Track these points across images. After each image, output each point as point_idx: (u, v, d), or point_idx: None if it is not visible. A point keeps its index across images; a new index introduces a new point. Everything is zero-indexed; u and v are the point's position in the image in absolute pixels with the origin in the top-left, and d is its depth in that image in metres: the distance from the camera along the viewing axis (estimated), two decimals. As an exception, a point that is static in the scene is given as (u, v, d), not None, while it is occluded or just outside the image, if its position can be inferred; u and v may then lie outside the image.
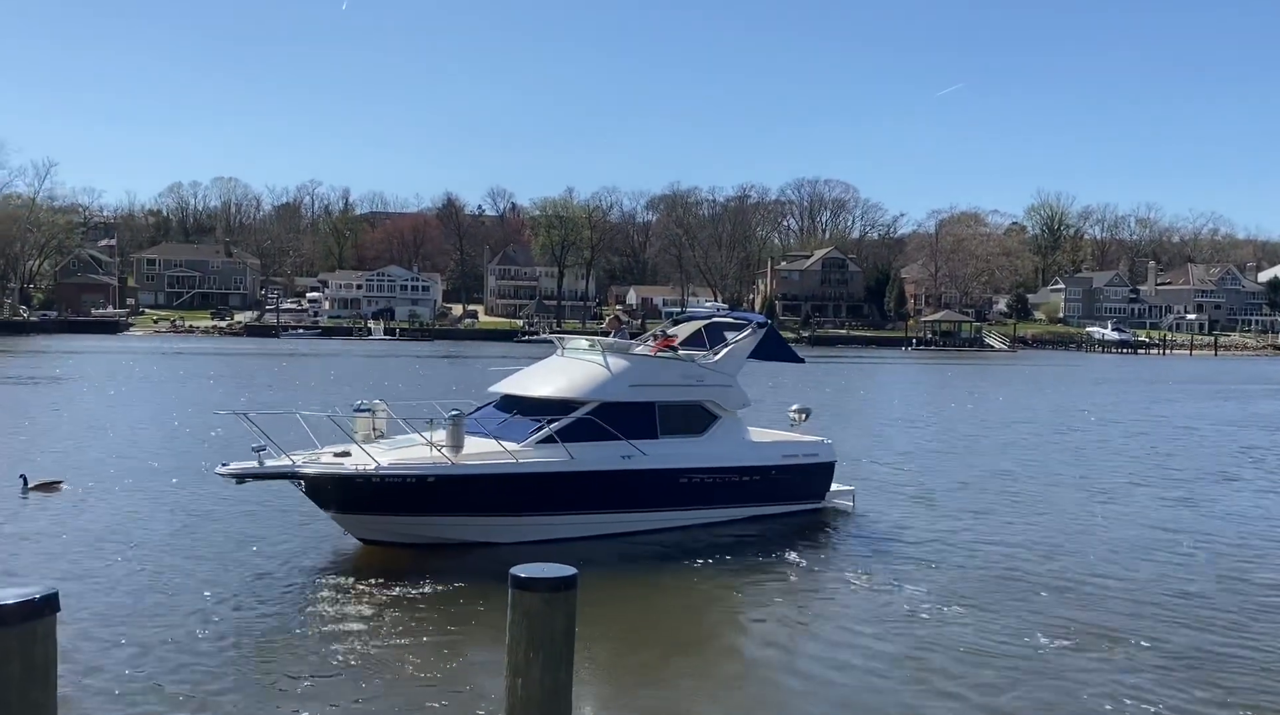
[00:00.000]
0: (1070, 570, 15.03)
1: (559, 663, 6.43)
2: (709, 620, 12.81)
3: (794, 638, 11.98)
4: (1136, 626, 12.28)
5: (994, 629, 12.09)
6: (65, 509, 17.95)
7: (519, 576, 6.46)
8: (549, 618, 6.41)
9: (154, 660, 10.63)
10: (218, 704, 9.49)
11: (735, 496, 17.60)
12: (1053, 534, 17.56)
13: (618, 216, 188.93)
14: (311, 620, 12.26)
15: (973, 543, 16.70)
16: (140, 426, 30.32)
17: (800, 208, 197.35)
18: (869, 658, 11.11)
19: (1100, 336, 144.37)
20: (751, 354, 18.80)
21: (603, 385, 16.45)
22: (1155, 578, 14.72)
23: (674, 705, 9.78)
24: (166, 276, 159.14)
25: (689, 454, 16.92)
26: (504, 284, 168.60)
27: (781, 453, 18.43)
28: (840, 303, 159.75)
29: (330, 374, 57.44)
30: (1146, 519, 19.16)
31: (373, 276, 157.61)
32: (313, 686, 9.98)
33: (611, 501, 16.16)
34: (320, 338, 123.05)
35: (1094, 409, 44.66)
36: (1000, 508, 19.86)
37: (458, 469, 14.83)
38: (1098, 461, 27.14)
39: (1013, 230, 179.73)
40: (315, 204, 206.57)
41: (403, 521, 15.10)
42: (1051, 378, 71.97)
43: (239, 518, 17.63)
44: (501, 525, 15.42)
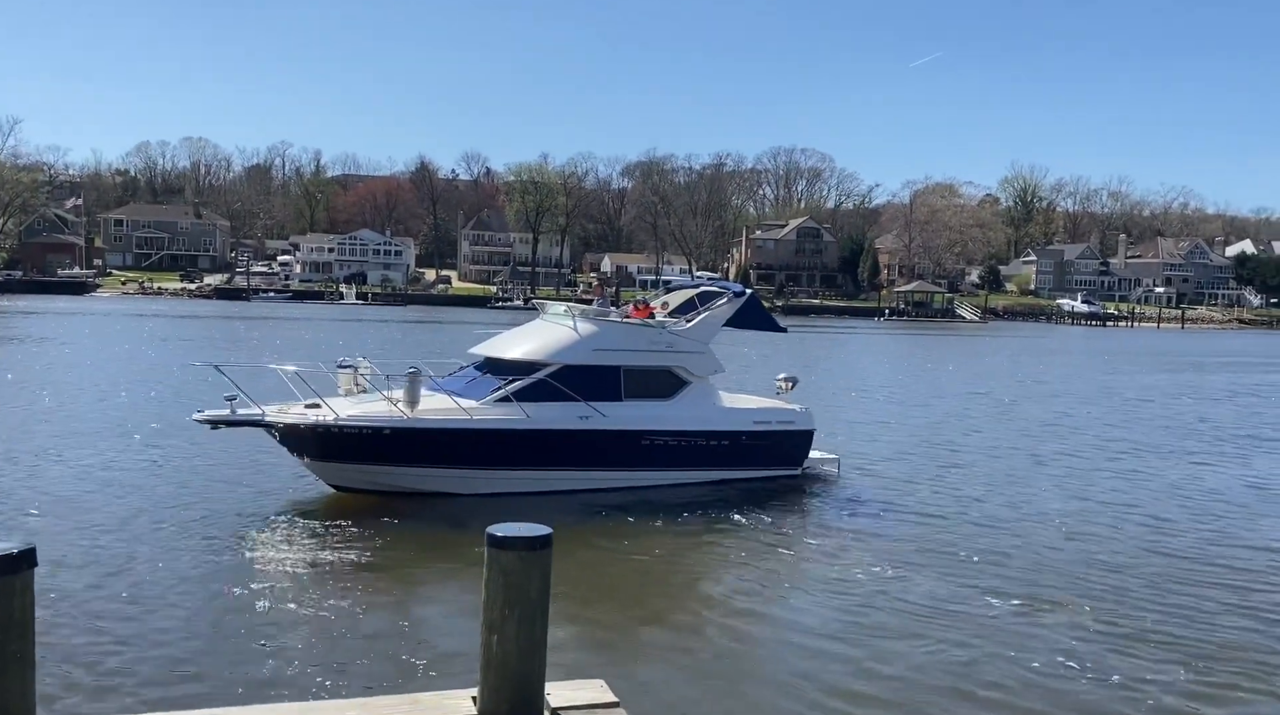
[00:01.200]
0: (1030, 537, 15.36)
1: (534, 620, 6.53)
2: (682, 579, 13.03)
3: (762, 596, 12.21)
4: (1086, 590, 12.61)
5: (946, 593, 12.35)
6: (41, 463, 17.91)
7: (495, 535, 6.53)
8: (525, 576, 6.49)
9: (130, 610, 10.74)
10: (191, 656, 9.58)
11: (704, 460, 17.96)
12: (1021, 503, 17.92)
13: (593, 183, 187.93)
14: (286, 575, 12.37)
15: (946, 511, 16.99)
16: (113, 383, 30.08)
17: (776, 177, 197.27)
18: (833, 617, 11.36)
19: (1070, 308, 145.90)
20: (730, 322, 19.14)
21: (566, 348, 17.15)
22: (1114, 544, 15.07)
23: (648, 661, 9.97)
24: (134, 237, 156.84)
25: (654, 417, 17.45)
26: (478, 250, 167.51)
27: (753, 419, 18.66)
28: (814, 272, 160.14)
29: (304, 337, 57.09)
30: (1102, 489, 19.54)
31: (345, 240, 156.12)
32: (286, 642, 10.09)
33: (570, 459, 16.87)
34: (291, 301, 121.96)
35: (1057, 380, 45.27)
36: (976, 478, 20.17)
37: (411, 422, 15.74)
38: (1062, 432, 27.58)
39: (986, 202, 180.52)
40: (286, 166, 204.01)
41: (364, 470, 16.09)
42: (1020, 349, 72.74)
43: (215, 466, 18.20)
44: (458, 477, 16.32)
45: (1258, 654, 10.43)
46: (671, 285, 22.03)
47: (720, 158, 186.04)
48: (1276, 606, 12.07)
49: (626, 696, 7.30)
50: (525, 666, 6.51)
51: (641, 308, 19.59)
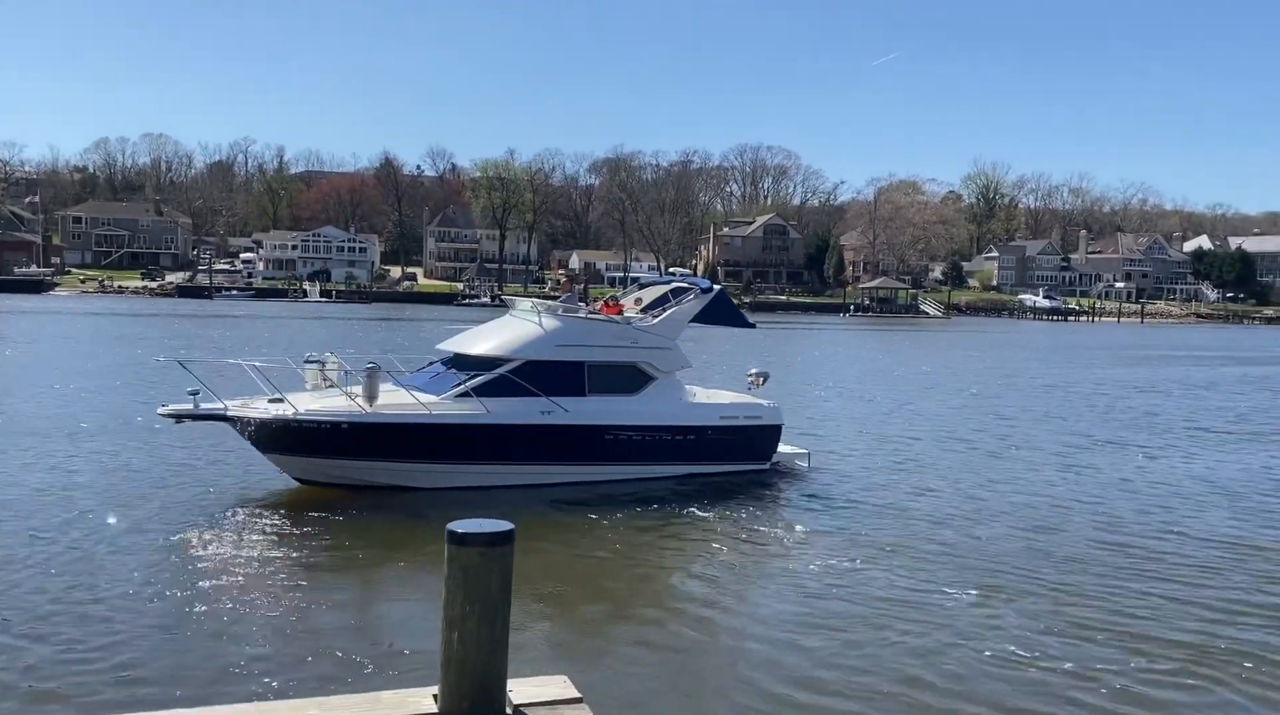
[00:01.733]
0: (990, 529, 15.55)
1: (495, 617, 6.50)
2: (645, 574, 13.04)
3: (725, 590, 12.27)
4: (1042, 581, 12.79)
5: (907, 585, 12.46)
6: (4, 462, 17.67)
7: (455, 532, 6.50)
8: (485, 572, 6.46)
9: (81, 611, 10.59)
10: (144, 657, 9.46)
11: (670, 454, 18.08)
12: (983, 496, 18.12)
13: (560, 179, 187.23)
14: (243, 572, 12.26)
15: (911, 504, 17.11)
16: (72, 381, 29.57)
17: (743, 174, 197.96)
18: (795, 610, 11.43)
19: (1032, 304, 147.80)
20: (698, 318, 19.24)
21: (529, 344, 17.30)
22: (1070, 535, 15.29)
23: (611, 656, 9.98)
24: (94, 235, 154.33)
25: (618, 412, 17.57)
26: (444, 246, 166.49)
27: (719, 413, 18.76)
28: (781, 269, 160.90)
29: (267, 335, 56.46)
30: (1061, 481, 19.83)
31: (308, 237, 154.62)
32: (242, 641, 9.98)
33: (532, 454, 17.00)
34: (254, 299, 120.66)
35: (1020, 374, 45.83)
36: (941, 471, 20.33)
37: (368, 417, 15.92)
38: (1024, 426, 27.93)
39: (949, 199, 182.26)
40: (249, 162, 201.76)
41: (325, 464, 16.31)
42: (984, 345, 73.55)
43: (176, 462, 18.28)
44: (418, 471, 16.47)
45: (1205, 643, 10.61)
46: (644, 281, 22.04)
47: (687, 155, 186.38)
48: (1223, 598, 12.27)
49: (590, 692, 7.30)
50: (487, 664, 6.49)
51: (612, 305, 19.67)
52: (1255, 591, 12.46)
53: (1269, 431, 27.92)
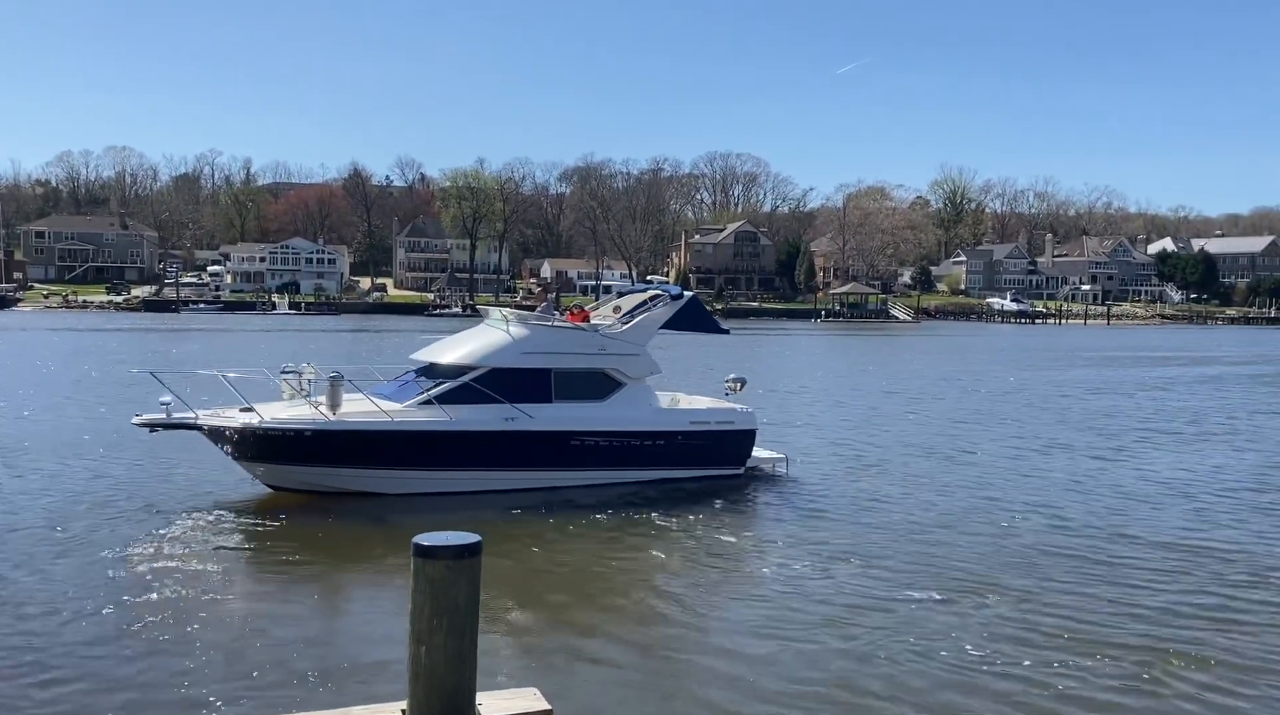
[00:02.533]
0: (959, 533, 15.67)
1: (463, 630, 6.48)
2: (614, 582, 13.03)
3: (694, 598, 12.25)
4: (1007, 585, 12.92)
5: (877, 590, 12.52)
6: None
7: (422, 545, 6.47)
8: (452, 585, 6.44)
9: (45, 626, 10.41)
10: (110, 673, 9.32)
11: (639, 459, 18.20)
12: (954, 500, 18.25)
13: (530, 188, 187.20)
14: (210, 585, 12.15)
15: (884, 509, 17.16)
16: (38, 396, 29.12)
17: (713, 181, 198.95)
18: (765, 617, 11.45)
19: (1000, 307, 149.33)
20: (669, 325, 19.38)
21: (495, 352, 17.57)
22: (1036, 537, 15.45)
23: (581, 667, 9.95)
24: (57, 249, 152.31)
25: (585, 418, 17.73)
26: (414, 257, 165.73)
27: (690, 419, 18.89)
28: (753, 275, 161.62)
29: (235, 348, 55.94)
30: (1029, 484, 20.04)
31: (276, 249, 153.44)
32: (209, 655, 9.87)
33: (496, 460, 17.21)
34: (222, 312, 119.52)
35: (989, 378, 46.28)
36: (917, 475, 20.41)
37: (330, 424, 16.24)
38: (993, 429, 28.20)
39: (917, 204, 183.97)
40: (215, 174, 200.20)
41: (292, 471, 16.60)
42: (954, 348, 74.17)
43: (153, 470, 18.54)
44: (383, 477, 16.73)
45: (1159, 645, 10.69)
46: (622, 290, 22.15)
47: (658, 162, 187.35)
48: (1179, 601, 12.36)
49: (560, 703, 7.30)
50: (455, 677, 6.46)
51: (576, 313, 19.86)
52: (1207, 594, 12.57)
53: (1221, 432, 28.32)
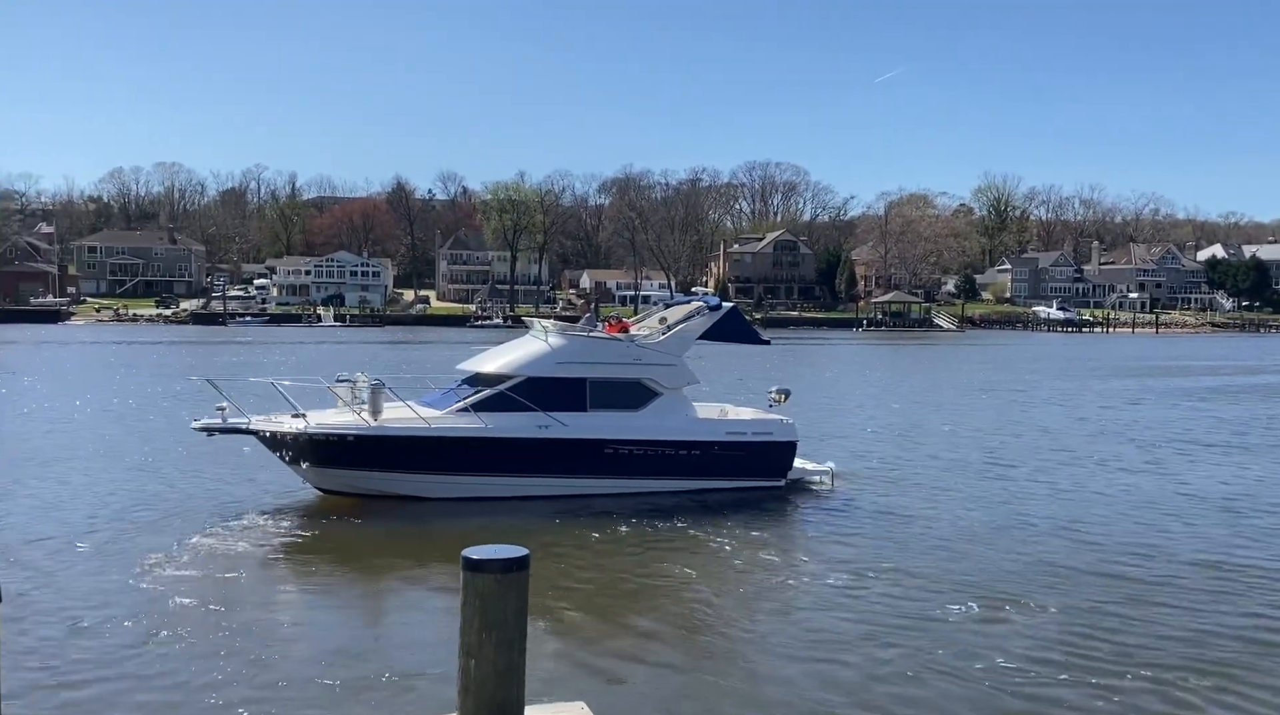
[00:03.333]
0: (1003, 547, 15.44)
1: (512, 643, 6.52)
2: (659, 594, 12.99)
3: (738, 610, 12.24)
4: (1039, 595, 12.70)
5: (921, 604, 12.41)
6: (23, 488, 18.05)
7: (471, 558, 6.53)
8: (501, 599, 6.49)
9: (101, 632, 10.63)
10: (163, 679, 9.47)
11: (674, 469, 18.33)
12: (1001, 514, 18.01)
13: (570, 200, 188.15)
14: (262, 593, 12.36)
15: (928, 523, 16.95)
16: (95, 407, 29.77)
17: (752, 190, 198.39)
18: (811, 631, 11.37)
19: (1046, 316, 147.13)
20: (707, 336, 19.43)
21: (532, 363, 18.05)
22: (1088, 555, 15.18)
23: (626, 682, 9.93)
24: (109, 264, 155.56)
25: (618, 426, 18.00)
26: (456, 269, 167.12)
27: (726, 430, 18.91)
28: (792, 285, 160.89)
29: (282, 360, 56.70)
30: (1082, 498, 19.70)
31: (321, 262, 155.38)
32: (261, 665, 9.97)
33: (530, 466, 17.64)
34: (269, 325, 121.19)
35: (1041, 389, 45.62)
36: (964, 488, 20.15)
37: (369, 430, 17.01)
38: (1046, 441, 27.79)
39: (960, 212, 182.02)
40: (261, 189, 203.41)
41: (338, 474, 17.38)
42: (1003, 358, 73.21)
43: (210, 474, 19.61)
44: (421, 481, 17.34)
45: (1197, 665, 10.45)
46: (671, 302, 22.38)
47: (696, 173, 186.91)
48: (1219, 620, 12.08)
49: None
50: (504, 691, 6.50)
51: (615, 324, 20.08)
52: (1245, 615, 12.18)
53: (1266, 445, 27.60)
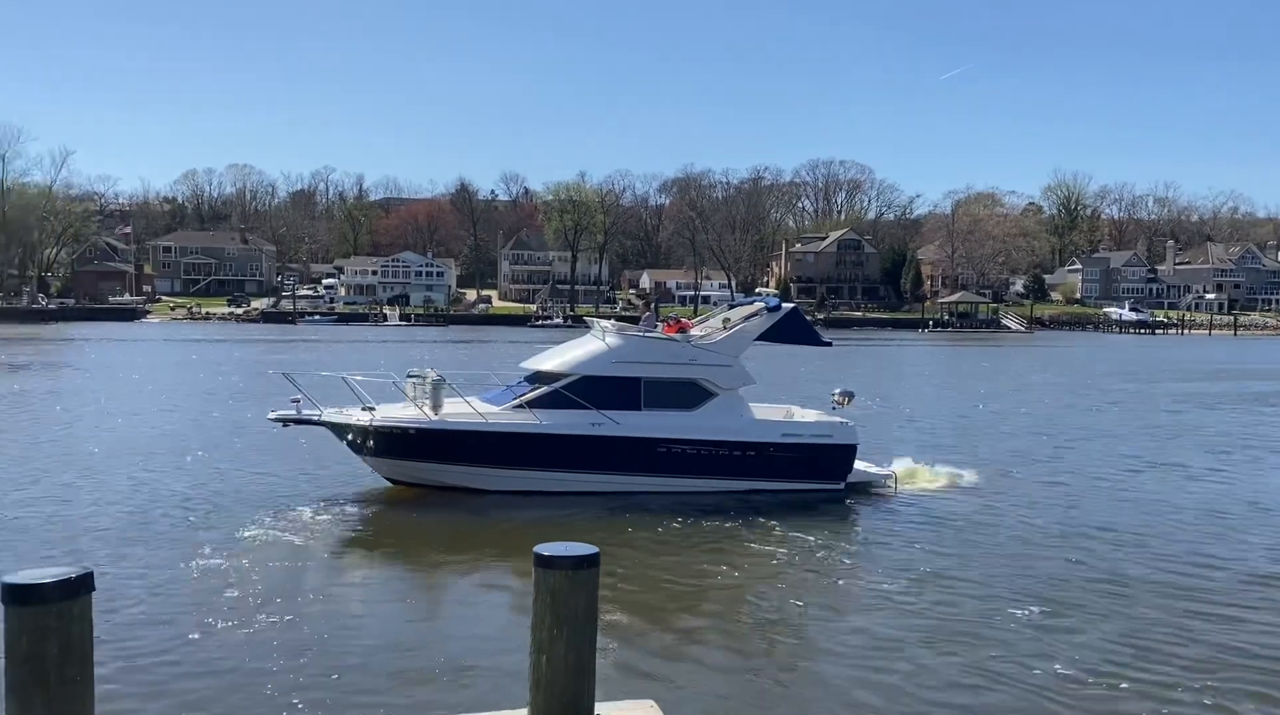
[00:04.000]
0: (1064, 551, 15.08)
1: (582, 639, 6.53)
2: (720, 594, 12.94)
3: (805, 613, 12.15)
4: (1094, 601, 12.36)
5: (973, 603, 12.26)
6: (107, 479, 18.61)
7: (542, 555, 6.55)
8: (572, 595, 6.50)
9: (181, 623, 10.88)
10: (239, 671, 9.66)
11: (728, 469, 18.35)
12: (1060, 517, 17.61)
13: (630, 200, 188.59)
14: (334, 587, 12.55)
15: (995, 527, 16.62)
16: (174, 401, 30.66)
17: (815, 189, 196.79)
18: (878, 635, 11.22)
19: (1118, 317, 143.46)
20: (765, 336, 19.34)
21: (588, 362, 18.35)
22: (1166, 565, 14.74)
23: (693, 681, 9.89)
24: (183, 263, 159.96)
25: (672, 426, 18.14)
26: (517, 269, 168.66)
27: (781, 431, 18.81)
28: (856, 284, 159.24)
29: (351, 357, 57.71)
30: (1158, 507, 19.16)
31: (387, 263, 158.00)
32: (333, 659, 10.12)
33: (582, 462, 17.95)
34: (337, 324, 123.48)
35: (1102, 390, 44.50)
36: (1029, 492, 19.75)
37: (429, 423, 17.66)
38: (1106, 442, 27.10)
39: (1029, 210, 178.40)
40: (330, 190, 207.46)
41: (401, 465, 18.08)
42: (1067, 359, 71.61)
43: (288, 464, 20.56)
44: (479, 474, 17.89)
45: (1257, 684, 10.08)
46: (735, 303, 22.35)
47: (758, 171, 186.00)
48: None
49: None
50: (575, 687, 6.51)
51: (672, 324, 20.13)
52: None
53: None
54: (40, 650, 5.56)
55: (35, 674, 5.56)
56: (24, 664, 5.56)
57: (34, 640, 5.56)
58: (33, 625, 5.57)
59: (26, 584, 5.59)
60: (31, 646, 5.55)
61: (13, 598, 5.58)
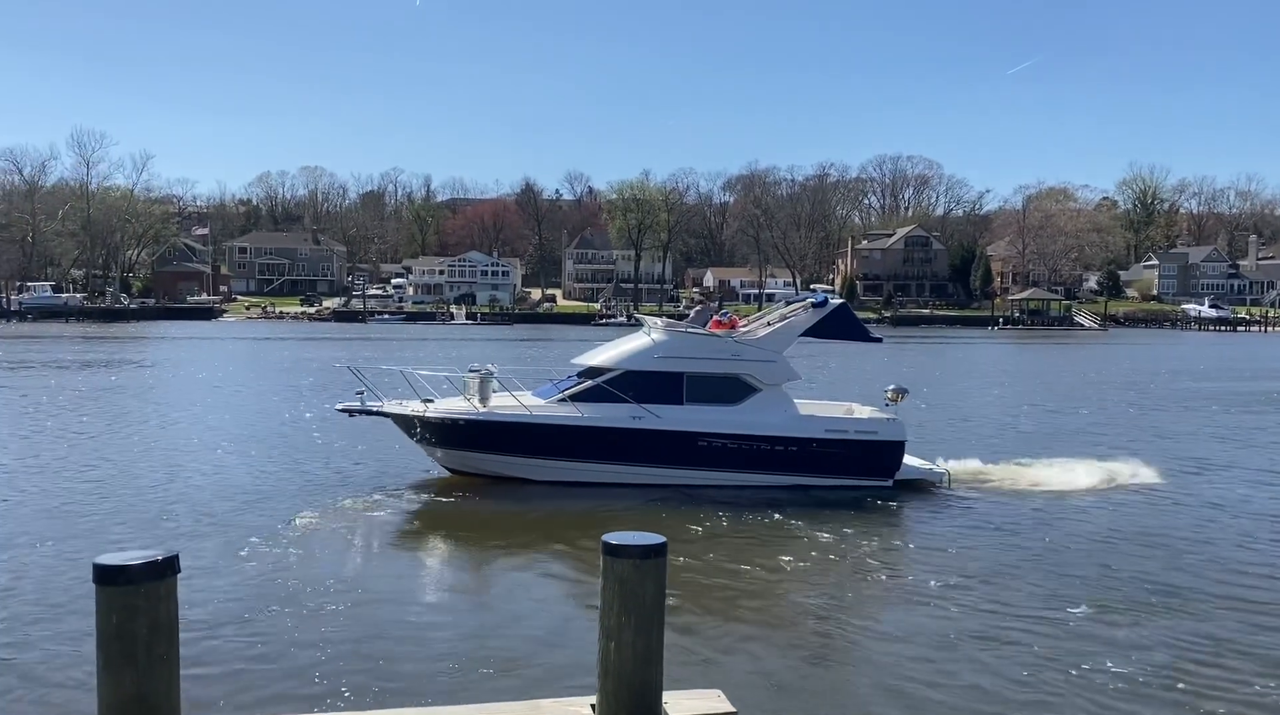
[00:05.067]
0: (1127, 559, 14.70)
1: (650, 627, 6.57)
2: (781, 586, 12.96)
3: (865, 606, 12.12)
4: (1144, 609, 12.00)
5: (1030, 603, 12.06)
6: (188, 466, 19.37)
7: (610, 543, 6.61)
8: (639, 584, 6.54)
9: (261, 608, 11.19)
10: (315, 657, 9.90)
11: (771, 464, 18.38)
12: (1122, 522, 17.18)
13: (694, 198, 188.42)
14: (401, 575, 12.86)
15: (1046, 525, 16.32)
16: (261, 390, 31.55)
17: (882, 185, 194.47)
18: (941, 629, 11.09)
19: (1196, 314, 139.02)
20: (811, 332, 19.31)
21: (632, 357, 18.73)
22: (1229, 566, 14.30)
23: (757, 671, 9.90)
24: (257, 264, 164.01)
25: (713, 420, 18.26)
26: (581, 268, 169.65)
27: (825, 427, 18.73)
28: (924, 282, 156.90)
29: (418, 355, 58.68)
30: (1226, 508, 18.57)
31: (454, 262, 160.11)
32: (402, 646, 10.33)
33: (623, 455, 18.29)
34: (405, 322, 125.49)
35: (1173, 388, 43.23)
36: (1089, 494, 19.24)
37: (475, 415, 18.41)
38: (1175, 442, 26.32)
39: (1103, 205, 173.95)
40: (398, 191, 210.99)
41: (455, 454, 18.94)
42: (1142, 357, 69.71)
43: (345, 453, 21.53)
44: (524, 464, 18.51)
45: None
46: (790, 299, 22.44)
47: (824, 168, 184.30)
48: None
49: (743, 706, 7.27)
50: (643, 675, 6.55)
51: (724, 321, 20.05)
52: None
53: None
54: (130, 628, 5.78)
55: (125, 651, 5.78)
56: (114, 641, 5.79)
57: (123, 619, 5.78)
58: (122, 604, 5.79)
59: (116, 565, 5.82)
60: (121, 624, 5.78)
61: (103, 578, 5.81)
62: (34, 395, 34.32)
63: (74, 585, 11.83)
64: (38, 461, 20.91)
